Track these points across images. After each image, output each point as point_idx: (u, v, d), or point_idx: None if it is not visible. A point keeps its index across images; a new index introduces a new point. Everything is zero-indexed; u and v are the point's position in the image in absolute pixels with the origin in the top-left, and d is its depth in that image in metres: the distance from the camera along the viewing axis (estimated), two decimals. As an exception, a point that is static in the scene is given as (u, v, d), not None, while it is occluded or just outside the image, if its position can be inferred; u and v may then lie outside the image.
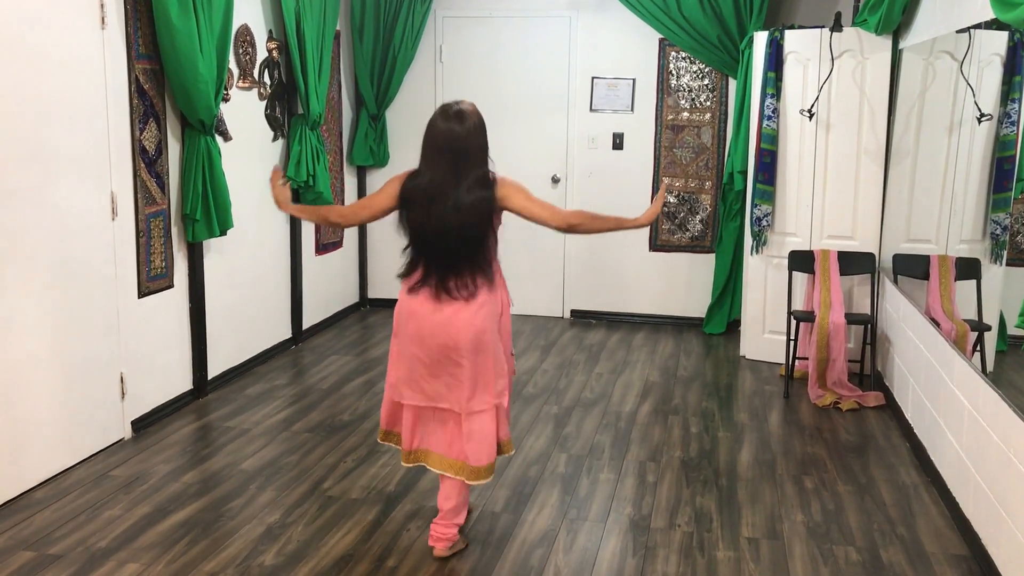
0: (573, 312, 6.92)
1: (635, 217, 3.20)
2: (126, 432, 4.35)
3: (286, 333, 5.92)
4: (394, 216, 3.21)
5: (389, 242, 6.98)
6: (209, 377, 4.99)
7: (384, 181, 7.44)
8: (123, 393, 4.31)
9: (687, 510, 3.71)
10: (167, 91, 4.47)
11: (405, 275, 3.18)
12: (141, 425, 4.44)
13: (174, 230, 4.61)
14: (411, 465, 3.30)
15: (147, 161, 4.37)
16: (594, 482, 3.97)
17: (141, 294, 4.39)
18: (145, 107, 4.33)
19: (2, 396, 3.58)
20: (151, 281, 4.46)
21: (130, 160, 4.26)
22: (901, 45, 5.20)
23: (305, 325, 6.12)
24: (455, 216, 3.03)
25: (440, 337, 3.09)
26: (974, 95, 4.12)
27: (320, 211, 3.56)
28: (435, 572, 3.19)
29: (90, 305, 4.05)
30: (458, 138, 3.05)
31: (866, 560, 3.32)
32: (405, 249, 3.21)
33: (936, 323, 4.18)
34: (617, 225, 3.23)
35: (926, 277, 4.56)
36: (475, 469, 3.16)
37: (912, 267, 4.88)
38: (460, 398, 3.14)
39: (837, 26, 5.29)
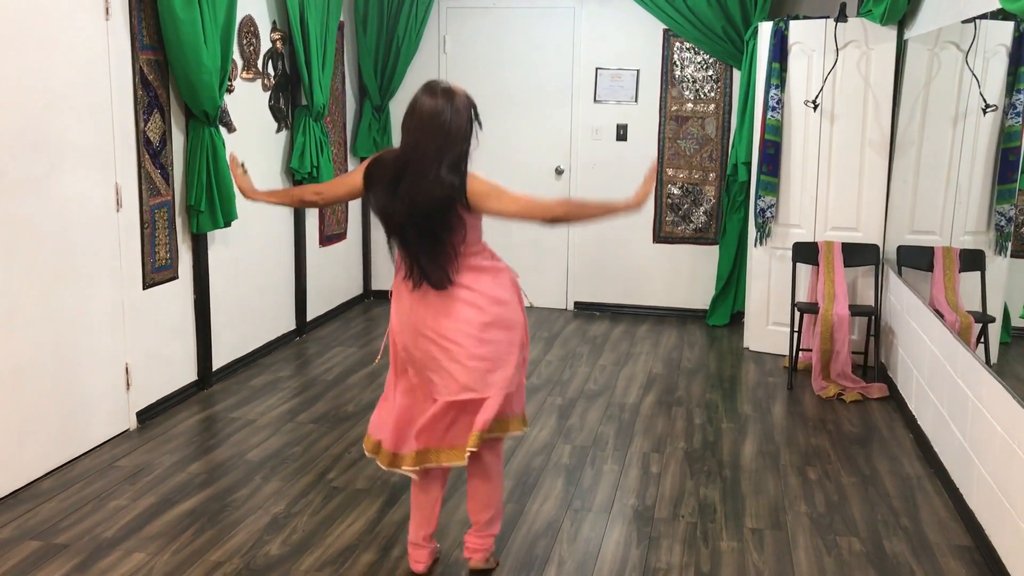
0: (577, 304, 6.92)
1: (624, 199, 2.90)
2: (131, 423, 4.37)
3: (290, 324, 5.93)
4: None
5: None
6: (214, 368, 5.00)
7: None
8: (128, 384, 4.32)
9: (691, 501, 3.72)
10: (171, 82, 4.47)
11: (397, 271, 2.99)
12: (146, 416, 4.45)
13: (178, 221, 4.62)
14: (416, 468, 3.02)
15: (151, 152, 4.37)
16: (598, 473, 3.98)
17: (146, 285, 4.40)
18: (149, 98, 4.33)
19: (8, 386, 3.59)
20: (156, 272, 4.47)
21: (134, 151, 4.27)
22: (906, 35, 5.19)
23: (309, 316, 6.13)
24: (424, 197, 2.78)
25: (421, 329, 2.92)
26: (979, 86, 4.11)
27: (293, 192, 3.44)
28: (439, 562, 3.20)
29: (95, 296, 4.06)
30: (440, 114, 2.78)
31: (870, 551, 3.32)
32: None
33: (940, 314, 4.18)
34: (605, 210, 2.99)
35: (930, 269, 4.56)
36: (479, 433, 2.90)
37: (916, 258, 4.87)
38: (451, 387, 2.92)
39: (842, 16, 5.28)
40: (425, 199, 2.79)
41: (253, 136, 5.29)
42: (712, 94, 6.46)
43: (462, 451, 2.92)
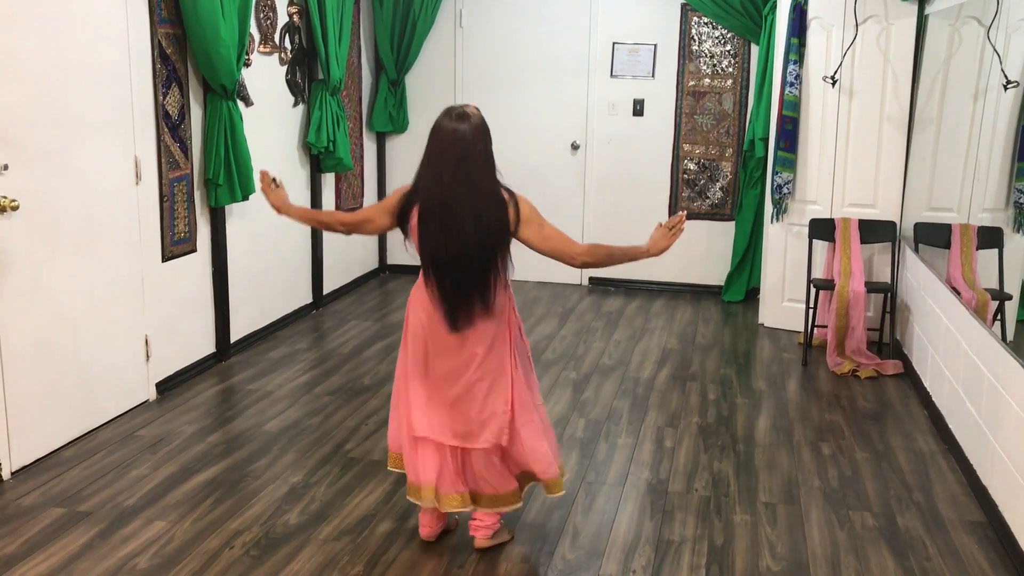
0: (591, 280, 6.93)
1: (646, 246, 2.99)
2: (151, 394, 4.42)
3: (307, 298, 5.97)
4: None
5: (408, 208, 7.00)
6: (232, 340, 5.05)
7: (403, 147, 7.41)
8: (148, 355, 4.37)
9: (704, 475, 3.74)
10: (189, 56, 4.49)
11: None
12: (165, 387, 4.51)
13: (197, 195, 4.65)
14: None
15: (170, 126, 4.40)
16: (612, 447, 4.01)
17: (165, 258, 4.44)
18: (168, 72, 4.35)
19: (32, 357, 3.64)
20: (175, 245, 4.50)
21: (153, 125, 4.29)
22: (927, 10, 5.14)
23: (326, 290, 6.17)
24: (473, 230, 2.79)
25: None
26: (1000, 62, 4.08)
27: (321, 217, 3.41)
28: (455, 532, 3.24)
29: (115, 269, 4.11)
30: (464, 139, 2.78)
31: (882, 525, 3.35)
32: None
33: (957, 292, 4.18)
34: (628, 258, 3.04)
35: (947, 246, 4.54)
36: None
37: (934, 236, 4.86)
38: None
39: (862, -9, 5.23)
40: (477, 236, 2.79)
41: (270, 110, 5.31)
42: (730, 69, 6.42)
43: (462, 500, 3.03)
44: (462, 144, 2.79)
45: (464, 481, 3.03)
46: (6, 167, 3.42)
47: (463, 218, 2.79)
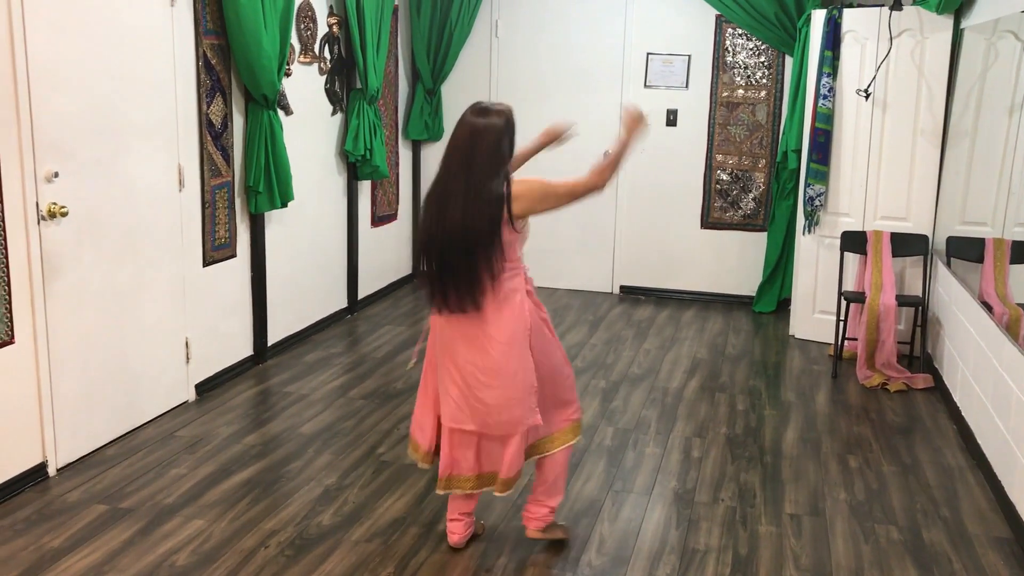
0: (622, 288, 6.97)
1: (619, 143, 3.08)
2: (190, 395, 4.54)
3: (342, 303, 6.08)
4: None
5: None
6: (269, 343, 5.16)
7: (438, 155, 7.54)
8: (188, 357, 4.49)
9: (731, 485, 3.78)
10: (232, 66, 4.61)
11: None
12: (204, 388, 4.63)
13: (237, 202, 4.77)
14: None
15: (213, 134, 4.52)
16: (640, 455, 4.06)
17: (206, 263, 4.56)
18: (212, 82, 4.47)
19: (78, 358, 3.77)
20: (215, 251, 4.62)
21: (197, 133, 4.42)
22: (963, 25, 5.14)
23: (360, 295, 6.28)
24: (461, 225, 2.85)
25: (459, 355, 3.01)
26: (1035, 77, 4.07)
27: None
28: (484, 536, 3.31)
29: (158, 273, 4.23)
30: (477, 131, 2.87)
31: (907, 539, 3.37)
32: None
33: (989, 307, 4.17)
34: (620, 155, 3.08)
35: (980, 260, 4.54)
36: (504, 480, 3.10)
37: (966, 249, 4.85)
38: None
39: (897, 5, 5.24)
40: (462, 227, 2.84)
41: (309, 119, 5.42)
42: (763, 80, 6.45)
43: (489, 482, 3.10)
44: (473, 137, 2.88)
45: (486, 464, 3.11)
46: (56, 175, 3.55)
47: (455, 210, 2.86)
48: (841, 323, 5.32)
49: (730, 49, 6.46)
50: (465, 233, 2.86)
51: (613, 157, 3.06)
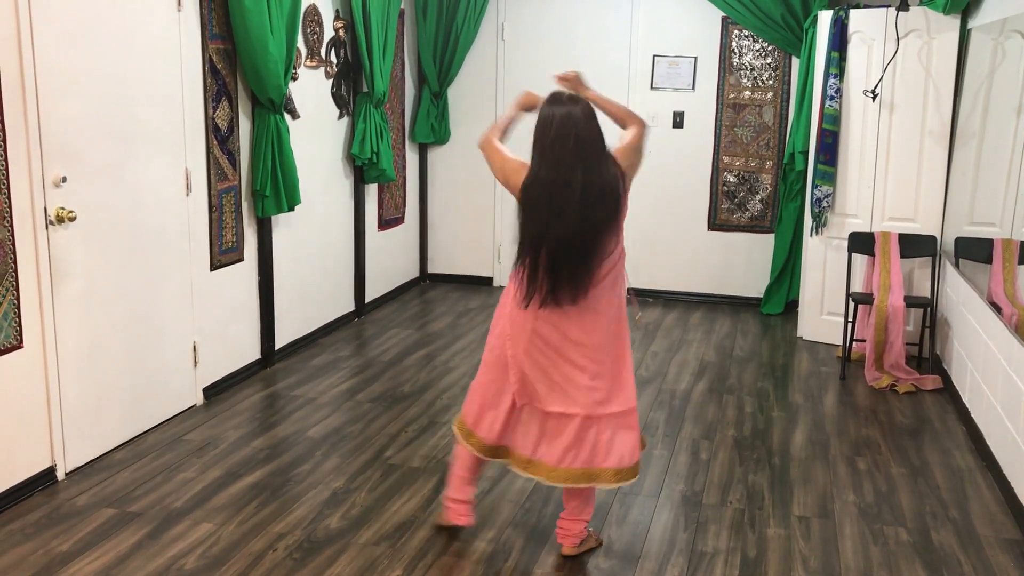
0: (629, 290, 6.95)
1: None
2: (198, 399, 4.55)
3: (349, 306, 6.09)
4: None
5: (449, 219, 7.10)
6: (276, 347, 5.17)
7: (445, 158, 7.51)
8: (196, 361, 4.50)
9: (739, 488, 3.77)
10: (239, 70, 4.62)
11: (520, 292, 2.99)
12: (212, 392, 4.64)
13: (244, 206, 4.78)
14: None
15: (220, 139, 4.53)
16: (647, 458, 4.05)
17: (213, 267, 4.57)
18: (218, 86, 4.48)
19: (85, 362, 3.79)
20: (223, 255, 4.64)
21: (203, 138, 4.43)
22: (970, 25, 5.12)
23: (368, 299, 6.28)
24: (583, 211, 2.83)
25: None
26: (1043, 77, 4.06)
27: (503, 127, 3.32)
28: (492, 538, 3.31)
29: (165, 277, 4.24)
30: (578, 121, 2.85)
31: (916, 541, 3.35)
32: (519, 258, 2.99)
33: (998, 308, 4.16)
34: (598, 101, 3.18)
35: (989, 261, 4.52)
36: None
37: (975, 250, 4.83)
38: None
39: (904, 5, 5.23)
40: (590, 218, 2.85)
41: (316, 123, 5.44)
42: (770, 82, 6.44)
43: (545, 471, 3.06)
44: (575, 125, 2.86)
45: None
46: (64, 179, 3.57)
47: (574, 202, 2.83)
48: (849, 324, 5.30)
49: (736, 51, 6.46)
50: (590, 222, 2.86)
51: (605, 104, 3.21)
